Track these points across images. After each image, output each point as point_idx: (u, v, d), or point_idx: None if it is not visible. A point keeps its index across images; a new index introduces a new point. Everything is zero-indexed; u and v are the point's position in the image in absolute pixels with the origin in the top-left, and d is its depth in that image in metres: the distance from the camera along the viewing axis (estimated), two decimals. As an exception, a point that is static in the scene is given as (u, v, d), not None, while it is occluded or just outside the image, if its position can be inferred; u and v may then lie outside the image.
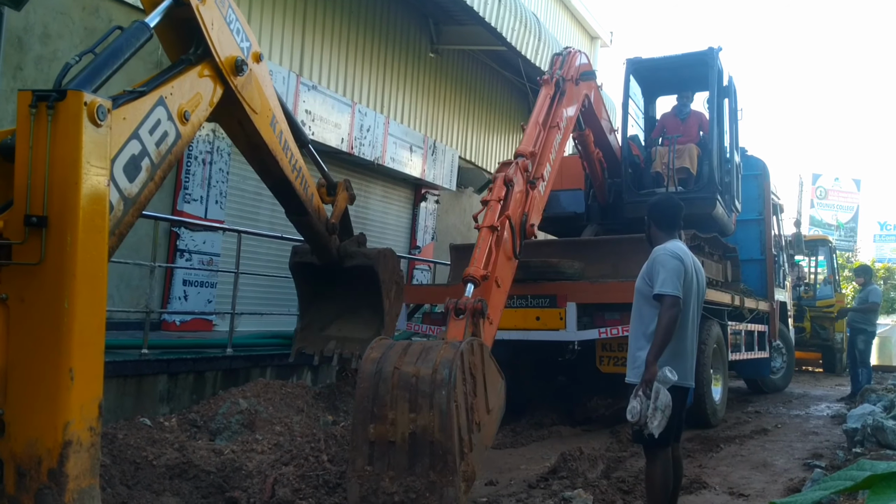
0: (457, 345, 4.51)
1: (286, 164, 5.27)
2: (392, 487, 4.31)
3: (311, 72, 10.84)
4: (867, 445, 5.81)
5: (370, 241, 12.04)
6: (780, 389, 11.89)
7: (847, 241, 39.67)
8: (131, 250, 7.93)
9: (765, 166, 11.37)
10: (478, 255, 5.40)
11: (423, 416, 4.31)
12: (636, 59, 9.51)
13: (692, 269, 4.22)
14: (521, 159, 6.31)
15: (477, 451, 4.55)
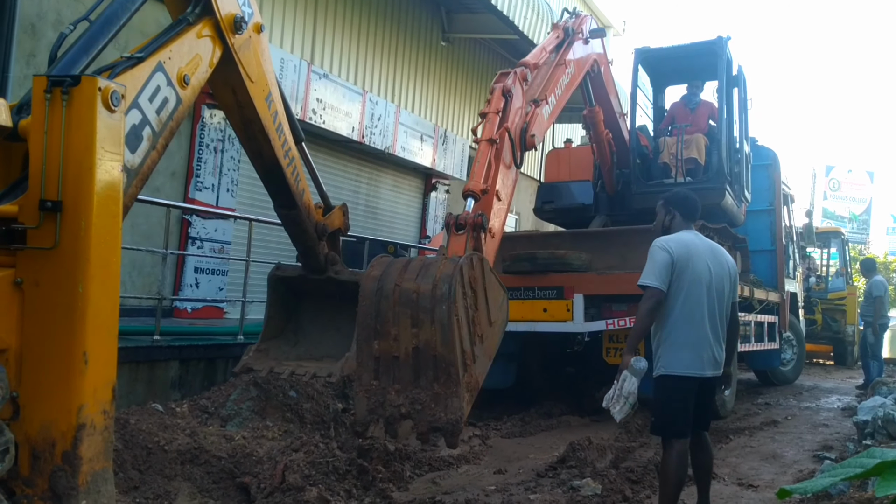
0: (456, 259, 4.58)
1: (278, 146, 5.09)
2: (398, 400, 4.47)
3: (322, 60, 10.84)
4: (878, 437, 5.79)
5: (380, 231, 12.10)
6: (790, 381, 11.83)
7: (860, 234, 39.40)
8: (143, 237, 7.98)
9: (775, 156, 11.26)
10: (477, 169, 5.37)
11: (425, 331, 4.41)
12: (644, 48, 9.45)
13: (697, 258, 4.16)
14: (521, 69, 6.24)
15: (480, 363, 4.67)
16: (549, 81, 6.70)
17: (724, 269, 4.24)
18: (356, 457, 5.44)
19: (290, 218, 5.67)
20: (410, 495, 4.80)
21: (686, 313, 4.09)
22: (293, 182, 5.39)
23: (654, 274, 4.12)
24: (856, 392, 11.01)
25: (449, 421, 4.37)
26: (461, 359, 4.42)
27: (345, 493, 4.70)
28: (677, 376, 4.09)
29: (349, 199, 11.88)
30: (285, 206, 5.57)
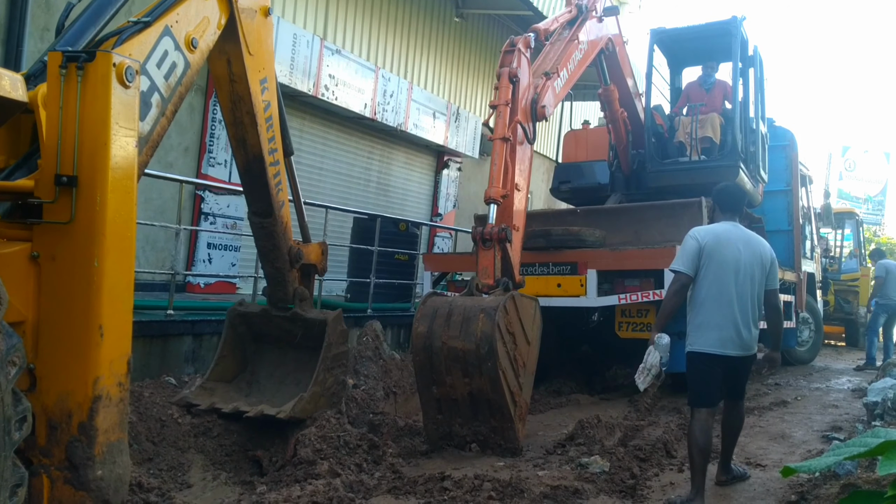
0: (492, 314, 5.06)
1: (264, 137, 4.82)
2: (463, 431, 5.30)
3: (335, 36, 10.80)
4: (887, 419, 5.79)
5: (391, 209, 12.11)
6: (806, 362, 11.82)
7: (874, 215, 39.06)
8: (157, 213, 8.04)
9: (793, 137, 11.24)
10: (494, 172, 5.72)
11: (475, 381, 5.11)
12: (660, 29, 9.49)
13: (727, 246, 4.45)
14: (527, 35, 6.39)
15: (526, 389, 5.45)
16: (562, 56, 6.79)
17: (757, 257, 4.49)
18: (367, 432, 5.51)
19: (264, 228, 5.17)
20: (420, 470, 4.85)
21: (712, 296, 4.41)
22: (274, 186, 5.01)
23: (681, 260, 4.54)
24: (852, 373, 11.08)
25: (508, 448, 5.26)
26: (510, 399, 5.17)
27: (355, 468, 4.76)
28: (701, 353, 4.42)
29: (361, 177, 11.91)
30: (261, 214, 5.12)
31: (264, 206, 5.06)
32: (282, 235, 5.19)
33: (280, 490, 4.14)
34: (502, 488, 4.22)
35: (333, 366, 5.37)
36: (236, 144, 4.85)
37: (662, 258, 6.89)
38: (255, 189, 5.02)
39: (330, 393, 5.37)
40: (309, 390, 5.08)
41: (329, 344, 5.29)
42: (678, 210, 7.94)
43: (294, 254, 5.35)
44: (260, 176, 4.93)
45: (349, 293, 10.20)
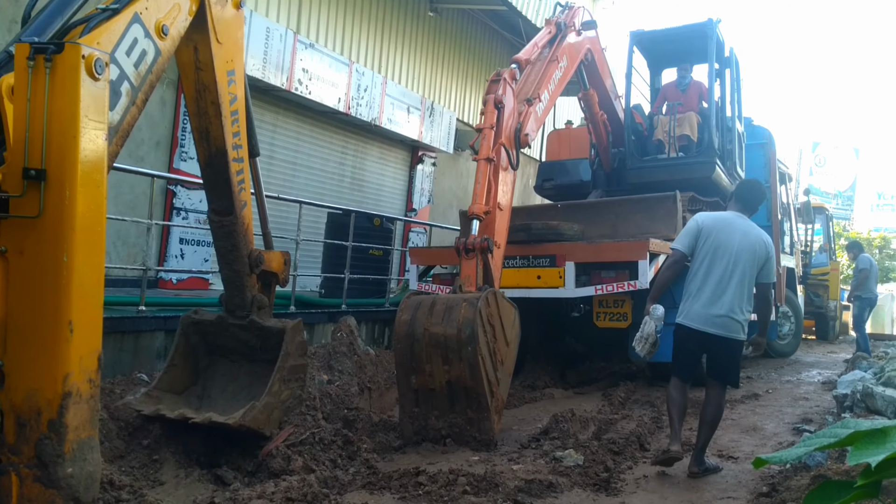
0: (474, 302, 5.28)
1: (229, 130, 4.62)
2: (438, 424, 5.35)
3: (308, 30, 10.73)
4: (856, 411, 5.89)
5: (366, 204, 12.07)
6: (787, 355, 12.01)
7: (844, 210, 39.69)
8: (128, 208, 7.94)
9: (771, 135, 11.54)
10: (478, 190, 5.96)
11: (455, 368, 5.23)
12: (639, 31, 9.83)
13: (725, 232, 4.79)
14: (512, 67, 6.60)
15: (503, 384, 5.57)
16: (542, 78, 7.04)
17: (752, 249, 4.77)
18: (341, 427, 5.49)
19: (223, 227, 4.90)
20: (395, 465, 4.85)
21: (702, 275, 4.79)
22: (236, 184, 4.77)
23: (679, 238, 5.01)
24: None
25: (483, 440, 5.28)
26: (488, 388, 5.28)
27: (330, 463, 4.75)
28: (681, 325, 4.86)
29: (335, 172, 11.85)
30: (221, 212, 4.85)
31: (225, 204, 4.80)
32: (242, 236, 4.92)
33: (254, 487, 4.12)
34: (477, 482, 4.23)
35: (290, 378, 5.02)
36: (199, 136, 4.65)
37: (636, 250, 7.22)
38: (217, 185, 4.77)
39: (285, 407, 5.01)
40: (262, 399, 4.73)
41: (286, 354, 4.95)
42: (653, 204, 8.25)
43: (254, 258, 5.06)
44: (222, 171, 4.70)
45: (323, 289, 10.15)
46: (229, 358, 5.27)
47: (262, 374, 4.99)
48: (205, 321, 5.21)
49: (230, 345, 5.23)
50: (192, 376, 5.20)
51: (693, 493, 4.39)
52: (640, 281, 7.14)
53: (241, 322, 5.12)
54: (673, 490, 4.46)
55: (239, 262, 4.99)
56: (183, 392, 5.10)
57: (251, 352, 5.18)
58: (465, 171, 15.62)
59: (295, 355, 5.06)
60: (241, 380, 5.20)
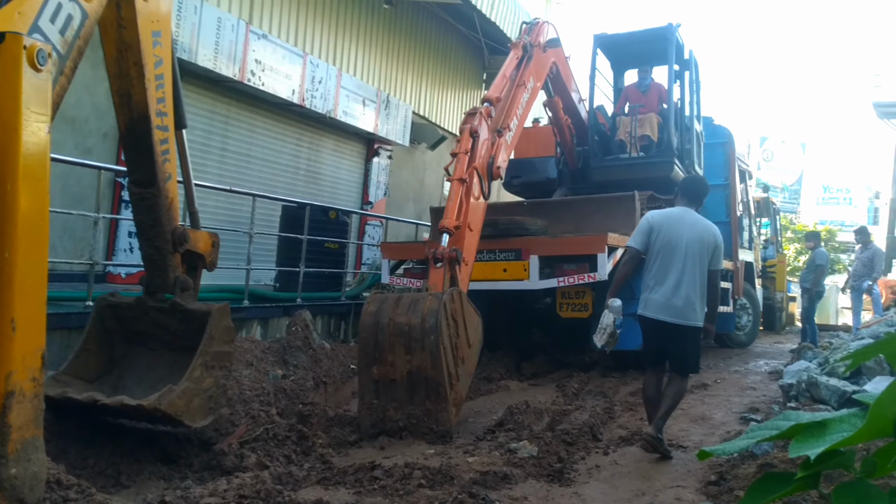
0: (440, 296, 5.49)
1: (152, 94, 4.31)
2: (396, 416, 5.40)
3: (261, 20, 10.58)
4: (801, 400, 6.05)
5: (321, 197, 11.97)
6: (745, 345, 12.39)
7: (791, 204, 40.72)
8: (75, 200, 7.74)
9: (730, 135, 12.07)
10: (450, 206, 6.25)
11: (416, 358, 5.34)
12: (602, 34, 10.19)
13: (675, 227, 5.09)
14: (486, 105, 6.95)
15: (463, 380, 5.66)
16: (510, 106, 7.37)
17: (701, 240, 5.07)
18: (296, 423, 5.45)
19: (144, 200, 4.57)
20: (351, 460, 4.84)
21: (657, 269, 5.09)
22: (160, 153, 4.47)
23: (633, 237, 5.30)
24: None
25: (439, 432, 5.31)
26: (448, 379, 5.35)
27: (284, 459, 4.71)
28: (643, 316, 5.15)
29: (289, 164, 11.73)
30: (142, 183, 4.53)
31: (146, 175, 4.47)
32: (165, 211, 4.58)
33: (206, 484, 4.06)
34: (432, 475, 4.24)
35: (214, 365, 4.68)
36: (119, 100, 4.33)
37: (595, 244, 7.60)
38: (138, 154, 4.45)
39: (207, 396, 4.61)
40: (181, 384, 4.39)
41: (210, 338, 4.63)
42: (614, 203, 8.77)
43: (178, 235, 4.70)
44: (144, 138, 4.39)
45: (278, 282, 10.06)
46: (148, 346, 4.92)
47: (184, 363, 4.63)
48: (122, 304, 4.86)
49: (150, 331, 4.88)
50: (107, 364, 4.84)
51: (643, 483, 4.47)
52: (600, 273, 7.50)
53: (162, 305, 4.79)
54: (624, 479, 4.53)
55: (161, 239, 4.65)
56: (95, 380, 4.75)
57: (172, 338, 4.86)
58: (421, 164, 15.61)
59: (220, 341, 4.74)
60: (160, 369, 4.84)
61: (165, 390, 4.30)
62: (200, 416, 4.56)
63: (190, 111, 9.53)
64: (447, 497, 3.81)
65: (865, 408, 1.07)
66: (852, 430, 1.06)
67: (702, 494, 4.15)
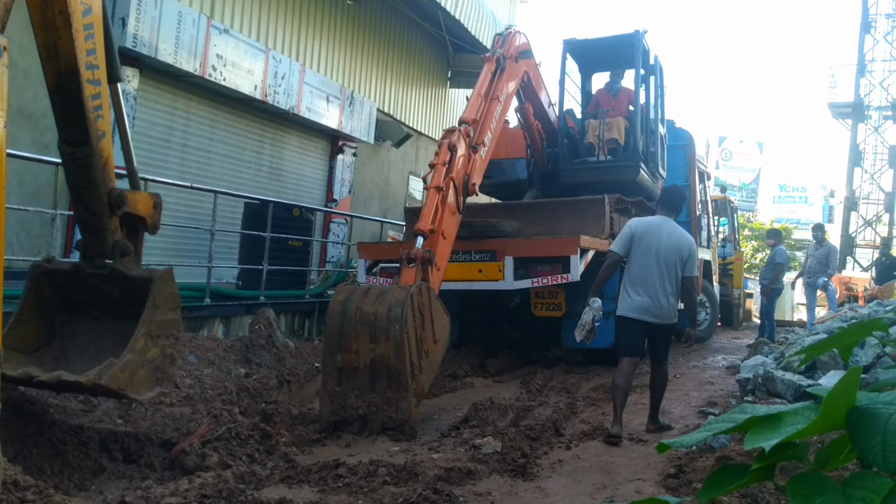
0: (407, 288, 5.61)
1: (81, 46, 3.98)
2: (357, 403, 5.46)
3: (222, 14, 10.46)
4: (758, 394, 6.18)
5: (284, 194, 11.88)
6: (703, 341, 12.61)
7: (748, 202, 41.45)
8: (32, 196, 7.59)
9: (691, 137, 12.56)
10: (426, 211, 6.41)
11: (381, 346, 5.42)
12: (571, 39, 10.50)
13: (654, 235, 5.59)
14: (464, 126, 7.15)
15: (426, 373, 5.70)
16: (484, 122, 7.58)
17: (676, 248, 5.59)
18: (259, 421, 5.41)
19: (76, 160, 4.25)
20: (315, 458, 4.82)
21: (635, 272, 5.58)
22: (91, 110, 4.15)
23: (616, 243, 5.80)
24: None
25: (398, 420, 5.38)
26: (410, 370, 5.41)
27: (247, 458, 4.67)
28: (622, 316, 5.64)
29: (252, 161, 11.62)
30: (73, 142, 4.21)
31: (78, 133, 4.17)
32: (99, 171, 4.28)
33: (167, 484, 4.02)
34: (397, 472, 4.25)
35: (159, 334, 4.41)
36: (46, 53, 4.02)
37: (569, 246, 7.84)
38: (68, 110, 4.13)
39: (153, 367, 4.35)
40: (123, 357, 4.13)
41: (154, 306, 4.36)
42: (584, 206, 9.06)
43: (115, 197, 4.37)
44: (74, 94, 4.07)
45: (240, 280, 9.96)
46: (90, 314, 4.65)
47: (128, 332, 4.36)
48: (59, 271, 4.57)
49: (90, 298, 4.60)
50: (46, 335, 4.56)
51: (605, 476, 4.53)
52: (573, 274, 7.71)
53: (101, 271, 4.48)
54: (586, 473, 4.59)
55: (96, 202, 4.34)
56: (34, 352, 4.48)
57: (115, 306, 4.58)
58: (385, 162, 15.56)
59: (164, 308, 4.47)
60: (103, 339, 4.57)
61: (106, 364, 4.06)
62: (146, 388, 4.34)
63: (150, 106, 9.43)
64: (412, 494, 3.82)
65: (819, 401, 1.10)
66: (806, 423, 1.09)
67: (661, 487, 4.22)
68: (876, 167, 26.57)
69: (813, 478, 1.03)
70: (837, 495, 0.97)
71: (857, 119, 26.11)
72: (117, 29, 8.29)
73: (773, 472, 1.13)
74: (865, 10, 25.58)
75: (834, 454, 1.12)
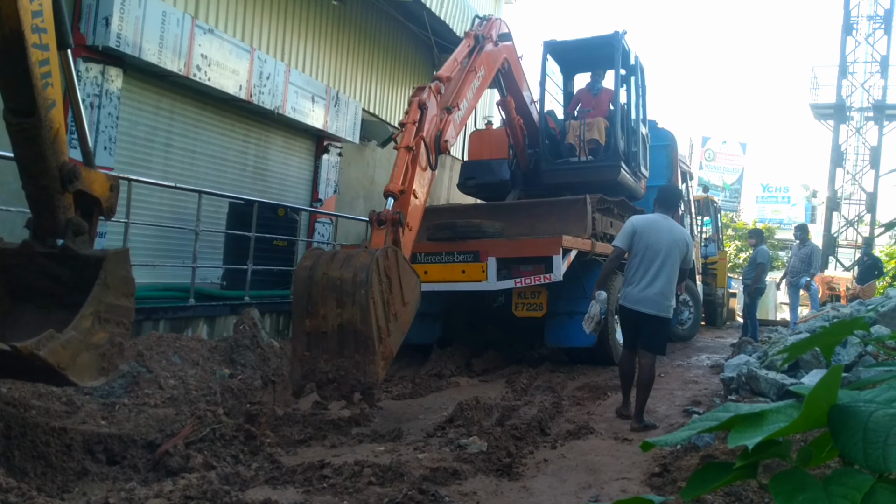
0: (373, 252, 5.61)
1: (25, 8, 3.69)
2: (326, 367, 5.56)
3: (207, 14, 10.40)
4: (742, 393, 6.23)
5: (269, 194, 11.83)
6: (687, 339, 12.70)
7: (732, 202, 41.72)
8: (14, 197, 7.50)
9: (673, 137, 12.70)
10: (396, 172, 6.40)
11: (347, 311, 5.48)
12: (552, 41, 10.58)
13: (654, 231, 5.91)
14: (436, 83, 7.07)
15: (394, 336, 5.76)
16: (460, 88, 7.51)
17: (676, 243, 5.92)
18: (243, 422, 5.38)
19: (24, 132, 3.93)
20: (299, 459, 4.80)
21: (637, 266, 5.91)
22: (39, 76, 3.85)
23: (619, 238, 6.15)
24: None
25: (366, 383, 5.49)
26: (377, 333, 5.46)
27: (231, 459, 4.65)
28: (620, 305, 6.07)
29: (237, 160, 11.56)
30: (20, 111, 3.89)
31: (25, 102, 3.85)
32: (49, 144, 3.97)
33: (151, 486, 3.99)
34: (382, 473, 4.25)
35: (109, 318, 4.10)
36: None
37: (551, 246, 7.86)
38: (14, 76, 3.82)
39: (98, 353, 4.01)
40: (66, 332, 3.78)
41: (105, 285, 4.05)
42: (566, 206, 9.11)
43: (67, 171, 4.06)
44: (19, 59, 3.74)
45: (225, 280, 9.91)
46: (36, 303, 4.33)
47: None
48: (5, 251, 4.23)
49: (38, 283, 4.28)
50: None
51: (590, 476, 4.54)
52: (555, 273, 7.75)
53: (52, 251, 4.18)
54: (571, 473, 4.60)
55: (46, 177, 4.02)
56: None
57: (64, 291, 4.26)
58: (371, 162, 15.54)
59: (116, 291, 4.16)
60: (51, 327, 4.10)
61: (46, 335, 3.69)
62: (89, 375, 4.00)
63: (134, 106, 9.37)
64: (397, 494, 3.82)
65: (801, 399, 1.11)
66: (789, 421, 1.10)
67: (646, 486, 4.24)
68: (857, 168, 26.82)
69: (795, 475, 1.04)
70: (819, 492, 0.98)
71: (838, 120, 26.33)
72: (101, 28, 8.23)
73: (756, 469, 1.14)
74: (847, 13, 25.80)
75: (816, 452, 1.13)
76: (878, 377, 1.46)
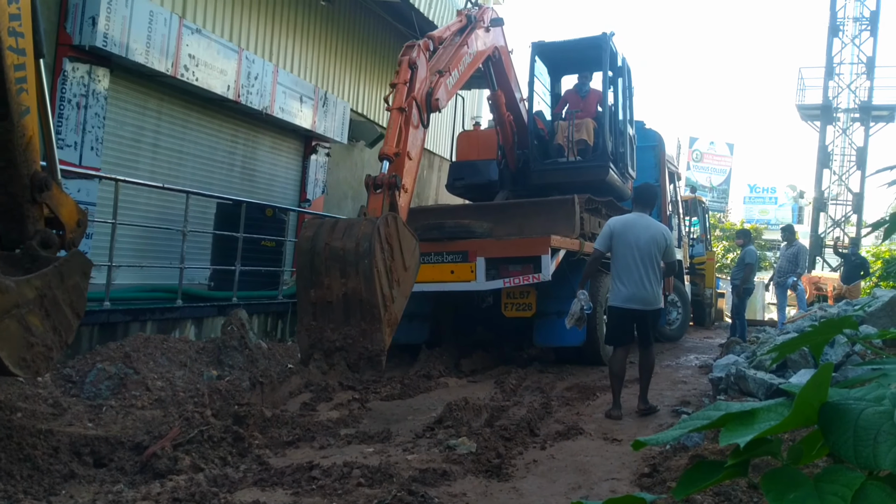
0: (374, 220, 5.73)
1: (3, 10, 3.61)
2: (333, 336, 5.62)
3: (194, 14, 10.35)
4: (730, 393, 6.24)
5: (257, 195, 11.79)
6: (675, 339, 12.72)
7: (719, 203, 41.94)
8: None
9: (661, 138, 12.73)
10: (390, 134, 6.43)
11: (351, 281, 5.54)
12: (540, 42, 10.65)
13: (631, 230, 6.11)
14: (425, 40, 7.07)
15: (398, 302, 5.84)
16: (453, 57, 7.51)
17: (653, 240, 6.10)
18: (231, 424, 5.35)
19: None
20: (288, 460, 4.78)
21: (619, 266, 6.12)
22: (13, 82, 3.75)
23: (598, 240, 6.38)
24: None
25: (373, 351, 5.53)
26: (382, 301, 5.56)
27: (219, 461, 4.63)
28: (613, 307, 6.27)
29: (225, 161, 11.52)
30: None
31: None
32: (21, 150, 3.84)
33: (139, 488, 3.97)
34: (371, 474, 4.23)
35: (50, 312, 3.88)
36: None
37: (539, 246, 7.88)
38: None
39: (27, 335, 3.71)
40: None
41: (59, 275, 3.89)
42: (554, 206, 9.12)
43: (39, 180, 3.93)
44: None
45: (213, 281, 9.87)
46: None
47: None
48: None
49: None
50: None
51: (580, 476, 4.55)
52: (544, 273, 7.76)
53: (11, 254, 4.02)
54: (561, 473, 4.60)
55: (16, 184, 3.89)
56: None
57: None
58: (359, 162, 15.51)
59: (66, 294, 3.94)
60: None
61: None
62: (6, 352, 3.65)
63: (121, 106, 9.31)
64: (386, 495, 3.81)
65: (792, 398, 1.11)
66: (779, 419, 1.10)
67: (636, 486, 4.24)
68: (844, 169, 27.00)
69: (786, 473, 1.04)
70: (810, 490, 0.98)
71: (825, 121, 26.50)
72: (87, 28, 8.18)
73: (747, 468, 1.14)
74: (834, 14, 25.98)
75: (806, 450, 1.13)
76: (867, 376, 1.47)
